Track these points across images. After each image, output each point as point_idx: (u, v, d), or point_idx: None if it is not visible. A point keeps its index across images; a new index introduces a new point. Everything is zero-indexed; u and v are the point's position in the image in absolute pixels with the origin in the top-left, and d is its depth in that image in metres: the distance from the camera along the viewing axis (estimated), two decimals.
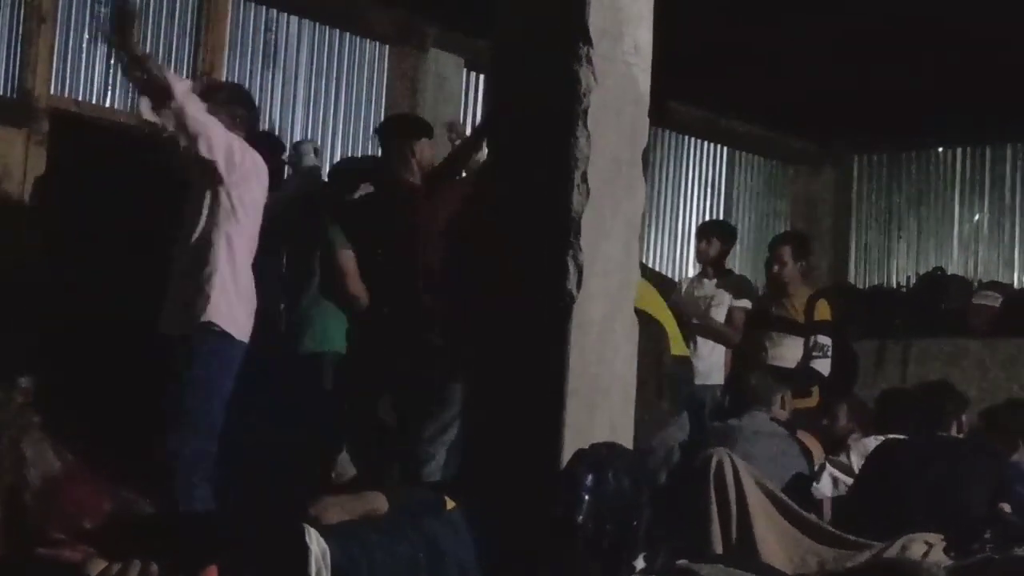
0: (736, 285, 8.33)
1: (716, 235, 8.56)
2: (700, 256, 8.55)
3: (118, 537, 3.83)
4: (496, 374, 4.82)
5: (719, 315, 8.17)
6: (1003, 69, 9.01)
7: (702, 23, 7.83)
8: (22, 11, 7.17)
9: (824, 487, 6.12)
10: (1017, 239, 11.45)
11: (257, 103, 8.20)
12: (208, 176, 5.47)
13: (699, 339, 8.10)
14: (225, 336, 5.42)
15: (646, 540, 4.48)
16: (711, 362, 8.12)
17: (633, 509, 4.44)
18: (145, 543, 3.74)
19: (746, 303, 8.20)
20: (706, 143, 11.46)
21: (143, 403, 6.23)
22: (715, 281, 8.33)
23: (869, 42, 8.91)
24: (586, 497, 4.36)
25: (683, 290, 8.50)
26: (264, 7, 8.37)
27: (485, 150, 5.84)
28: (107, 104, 7.65)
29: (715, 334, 8.07)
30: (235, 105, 5.77)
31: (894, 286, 11.62)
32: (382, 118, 8.83)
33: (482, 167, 6.12)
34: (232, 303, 5.46)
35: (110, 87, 7.64)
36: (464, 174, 6.98)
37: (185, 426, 5.35)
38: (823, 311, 8.01)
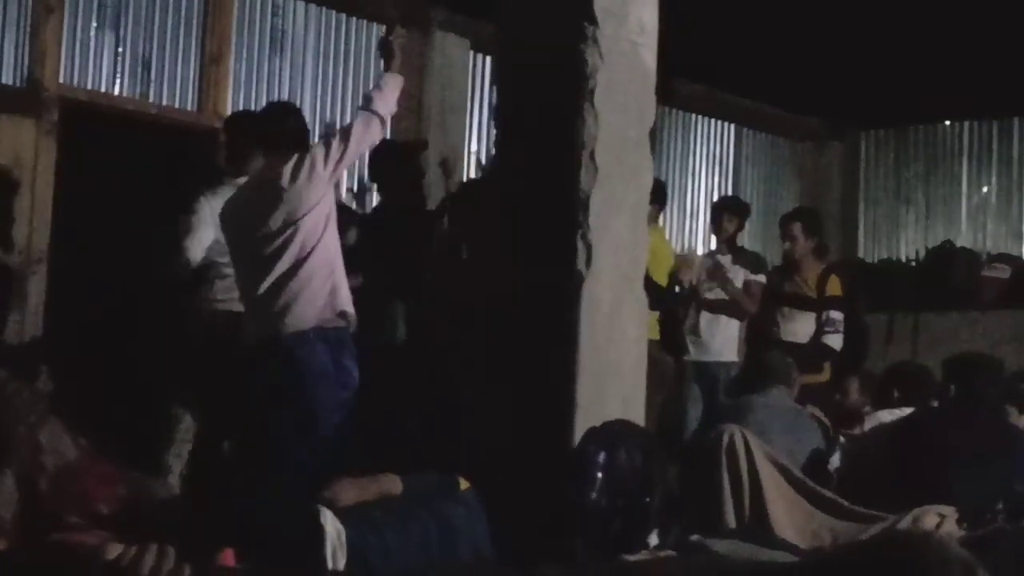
0: (751, 261, 8.35)
1: (735, 212, 8.55)
2: (720, 233, 8.54)
3: (134, 521, 3.86)
4: (507, 354, 4.84)
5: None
6: (1010, 43, 8.99)
7: (707, 1, 7.82)
8: (30, 1, 7.18)
9: (837, 462, 6.13)
10: None
11: (264, 88, 8.27)
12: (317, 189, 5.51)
13: (712, 316, 8.11)
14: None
15: (659, 516, 4.50)
16: (725, 338, 8.14)
17: (645, 486, 4.46)
18: (161, 527, 3.77)
19: (762, 278, 8.21)
20: (713, 120, 11.46)
21: (154, 393, 6.27)
22: (730, 257, 8.34)
23: (875, 18, 8.89)
24: (598, 474, 4.38)
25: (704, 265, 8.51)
26: None
27: None
28: (116, 92, 7.67)
29: (735, 304, 8.07)
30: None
31: (903, 260, 11.62)
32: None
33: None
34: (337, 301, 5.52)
35: (119, 76, 7.66)
36: None
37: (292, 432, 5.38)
38: (834, 286, 8.02)
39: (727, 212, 8.52)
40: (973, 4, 8.50)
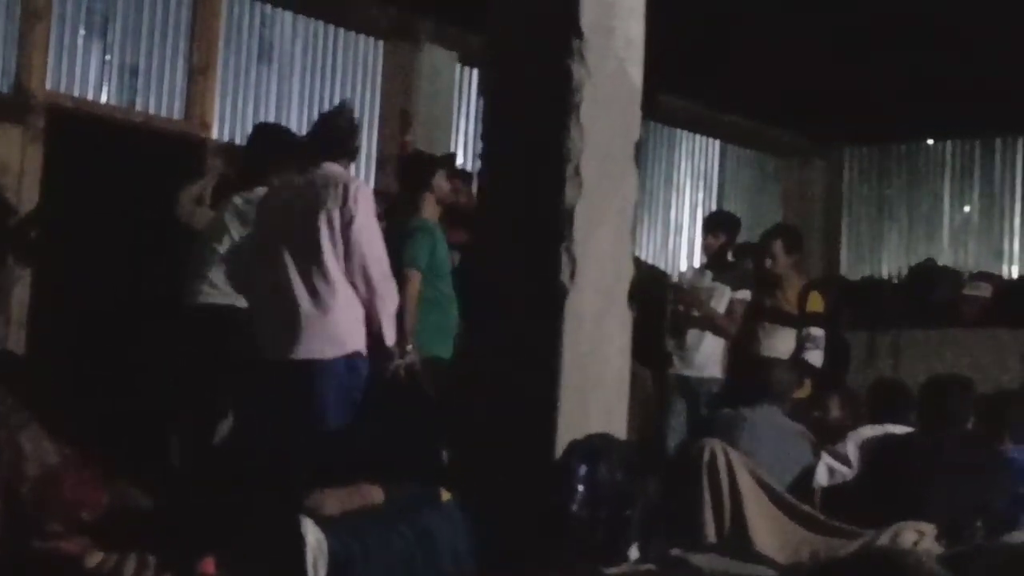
0: (737, 277, 8.35)
1: (723, 228, 8.56)
2: (707, 249, 8.54)
3: (115, 529, 3.86)
4: (490, 365, 4.85)
5: (719, 308, 8.20)
6: (993, 62, 9.05)
7: (693, 17, 7.86)
8: (18, 8, 7.18)
9: (820, 477, 6.15)
10: (1006, 230, 11.51)
11: (252, 98, 8.28)
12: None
13: (696, 331, 8.13)
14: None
15: (640, 529, 4.52)
16: (707, 354, 8.14)
17: (627, 499, 4.48)
18: (142, 535, 3.77)
19: (746, 295, 8.22)
20: (698, 136, 11.50)
21: (144, 398, 6.24)
22: (710, 275, 8.35)
23: (859, 36, 8.94)
24: (580, 487, 4.39)
25: (685, 281, 8.52)
26: (258, 3, 8.39)
27: None
28: (103, 100, 7.67)
29: (714, 326, 8.09)
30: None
31: (885, 277, 11.66)
32: (377, 113, 8.88)
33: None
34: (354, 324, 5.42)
35: (105, 83, 7.66)
36: None
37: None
38: (815, 303, 8.03)
39: (714, 228, 8.54)
40: (957, 25, 8.54)
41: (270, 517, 3.94)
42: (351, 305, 5.32)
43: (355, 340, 5.32)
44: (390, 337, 5.40)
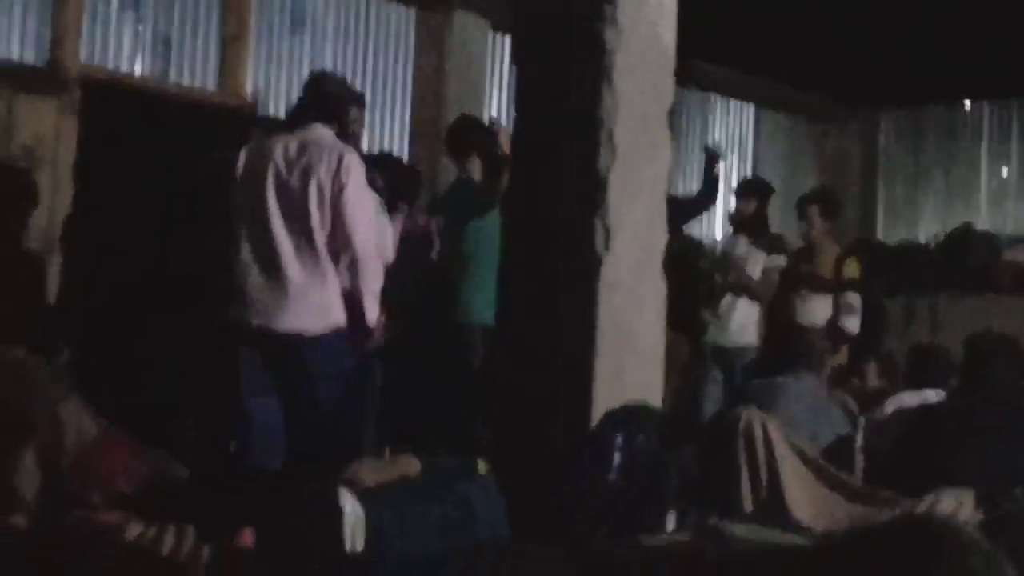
0: (771, 243, 8.33)
1: (754, 194, 8.53)
2: (738, 215, 8.51)
3: (155, 501, 3.88)
4: (526, 335, 4.85)
5: (754, 274, 8.18)
6: None
7: None
8: None
9: (860, 443, 6.13)
10: None
11: (285, 67, 8.27)
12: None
13: (729, 298, 8.11)
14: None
15: (677, 499, 4.51)
16: (742, 322, 8.13)
17: (663, 468, 4.47)
18: (181, 506, 3.79)
19: (781, 261, 8.20)
20: (732, 101, 11.44)
21: (173, 377, 6.26)
22: (747, 240, 8.32)
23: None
24: (616, 456, 4.39)
25: (719, 249, 8.50)
26: None
27: None
28: (137, 72, 7.69)
29: (749, 292, 8.07)
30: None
31: (922, 242, 11.59)
32: (410, 82, 8.86)
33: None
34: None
35: (139, 54, 7.67)
36: None
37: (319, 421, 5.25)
38: (852, 269, 8.01)
39: (745, 195, 8.51)
40: None
41: (307, 489, 3.95)
42: (336, 277, 5.24)
43: (340, 313, 5.25)
44: (372, 314, 5.31)
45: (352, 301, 5.28)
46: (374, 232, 5.36)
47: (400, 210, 6.62)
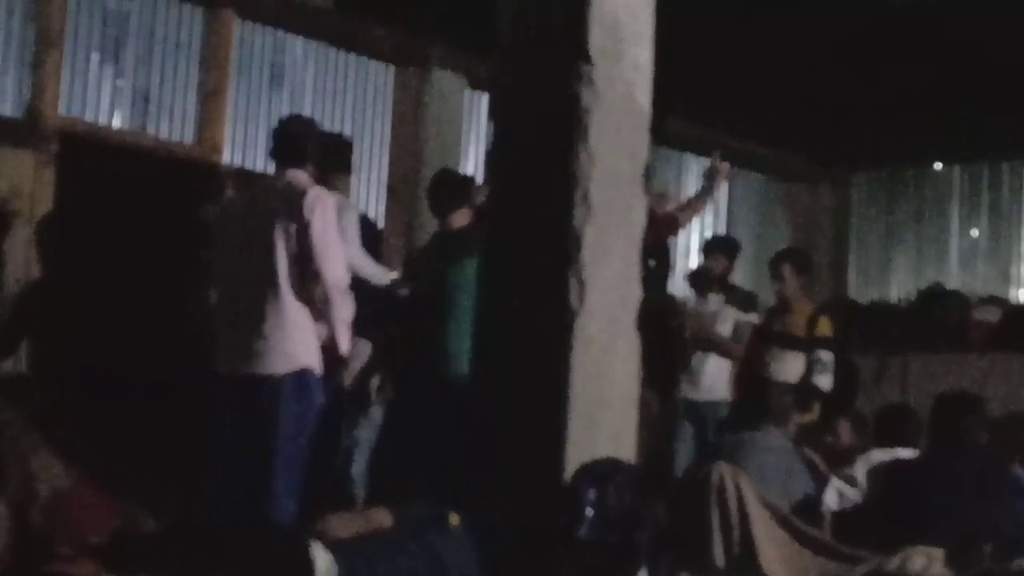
0: (742, 300, 8.37)
1: (722, 251, 8.58)
2: (707, 273, 8.56)
3: (125, 553, 3.87)
4: (499, 389, 4.86)
5: (724, 331, 8.21)
6: (1001, 87, 9.07)
7: (701, 42, 7.89)
8: (32, 34, 7.23)
9: (830, 501, 6.15)
10: (1015, 255, 11.51)
11: (263, 123, 8.32)
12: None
13: (703, 354, 8.14)
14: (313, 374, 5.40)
15: (648, 553, 4.52)
16: (713, 376, 8.15)
17: (636, 523, 4.48)
18: (151, 559, 3.78)
19: (752, 318, 8.24)
20: (706, 160, 11.51)
21: (155, 425, 6.24)
22: (721, 297, 8.36)
23: (868, 62, 8.97)
24: (589, 511, 4.40)
25: (689, 306, 8.53)
26: (269, 28, 8.43)
27: None
28: (115, 124, 7.72)
29: (720, 348, 8.11)
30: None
31: (893, 301, 11.65)
32: (388, 138, 8.91)
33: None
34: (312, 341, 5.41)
35: (118, 108, 7.71)
36: None
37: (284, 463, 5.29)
38: (824, 327, 8.04)
39: (713, 252, 8.56)
40: (965, 51, 8.57)
41: (280, 541, 3.95)
42: (304, 319, 5.33)
43: (306, 356, 5.32)
44: (344, 345, 5.43)
45: (326, 331, 5.39)
46: (343, 266, 5.43)
47: None
